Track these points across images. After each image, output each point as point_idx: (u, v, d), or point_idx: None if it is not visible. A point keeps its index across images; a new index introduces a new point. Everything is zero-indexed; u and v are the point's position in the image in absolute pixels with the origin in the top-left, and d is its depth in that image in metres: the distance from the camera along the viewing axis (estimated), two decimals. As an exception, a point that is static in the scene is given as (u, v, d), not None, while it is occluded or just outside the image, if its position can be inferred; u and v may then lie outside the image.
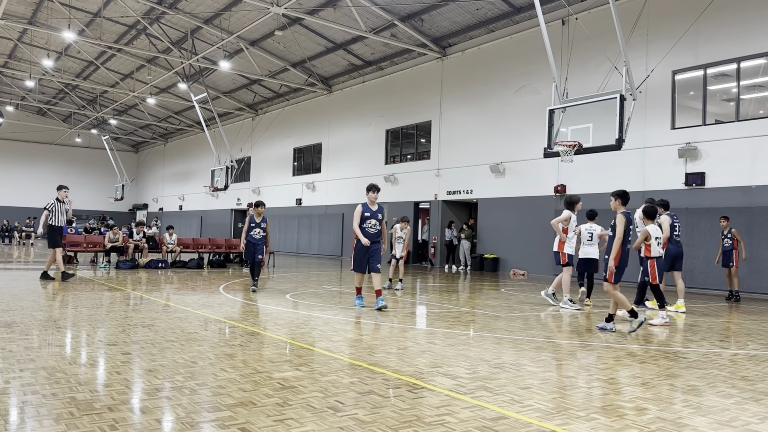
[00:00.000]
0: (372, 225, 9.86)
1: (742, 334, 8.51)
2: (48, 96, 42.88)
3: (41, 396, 4.34)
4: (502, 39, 21.23)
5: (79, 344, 6.51)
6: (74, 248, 18.98)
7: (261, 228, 12.26)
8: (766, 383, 5.45)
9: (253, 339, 6.99)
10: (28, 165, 48.44)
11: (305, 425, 3.90)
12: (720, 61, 15.61)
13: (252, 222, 12.23)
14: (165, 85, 34.43)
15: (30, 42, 30.57)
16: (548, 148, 14.20)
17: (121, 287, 12.47)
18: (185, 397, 4.44)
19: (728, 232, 13.04)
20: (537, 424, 4.08)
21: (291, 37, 25.07)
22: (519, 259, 20.35)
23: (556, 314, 10.06)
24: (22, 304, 9.15)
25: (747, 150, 14.92)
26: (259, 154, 35.70)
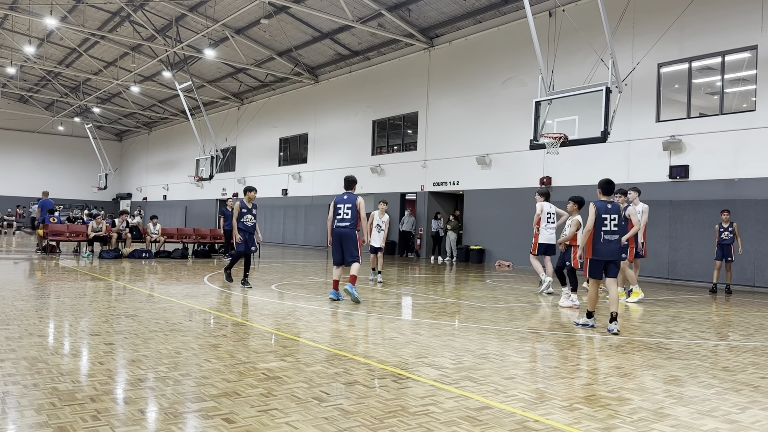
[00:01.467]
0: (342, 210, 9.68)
1: (724, 326, 8.62)
2: (30, 83, 42.24)
3: (22, 386, 4.29)
4: (489, 30, 21.21)
5: (62, 334, 6.45)
6: (57, 238, 18.77)
7: (253, 214, 11.24)
8: (747, 374, 5.53)
9: (237, 330, 6.96)
10: (9, 153, 47.75)
11: (290, 415, 3.89)
12: (705, 55, 15.72)
13: (243, 208, 11.14)
14: (149, 73, 34.05)
15: (11, 28, 30.07)
16: (534, 140, 14.24)
17: (104, 277, 12.36)
18: (169, 388, 4.41)
19: (729, 225, 13.06)
20: (521, 413, 4.11)
21: (277, 26, 24.88)
22: (504, 250, 20.43)
23: (540, 305, 10.12)
24: (3, 294, 9.04)
25: (730, 143, 15.06)
26: (245, 144, 35.48)
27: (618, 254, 7.57)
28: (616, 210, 7.61)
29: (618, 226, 7.53)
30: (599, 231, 7.53)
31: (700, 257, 15.25)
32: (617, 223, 7.52)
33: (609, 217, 7.56)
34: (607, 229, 7.50)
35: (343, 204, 9.63)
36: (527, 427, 3.84)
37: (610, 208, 7.61)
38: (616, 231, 7.52)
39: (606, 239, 7.50)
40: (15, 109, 46.08)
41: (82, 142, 48.37)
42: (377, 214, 13.04)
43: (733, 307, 10.96)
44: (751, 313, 10.19)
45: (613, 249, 7.52)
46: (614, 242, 7.52)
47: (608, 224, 7.53)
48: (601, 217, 7.56)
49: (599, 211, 7.58)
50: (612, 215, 7.55)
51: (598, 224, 7.54)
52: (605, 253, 7.52)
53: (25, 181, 47.60)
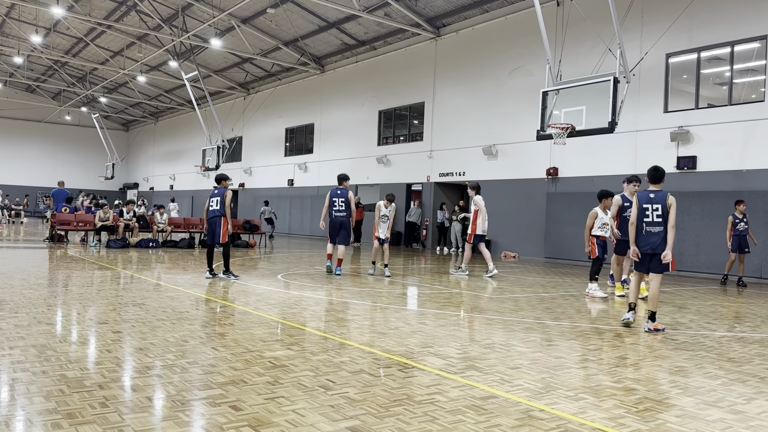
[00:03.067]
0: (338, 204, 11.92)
1: (730, 317, 8.60)
2: (37, 73, 42.34)
3: (31, 373, 4.33)
4: (496, 20, 21.08)
5: (70, 323, 6.49)
6: (64, 227, 18.87)
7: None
8: (753, 365, 5.52)
9: (244, 318, 6.99)
10: (16, 143, 47.95)
11: (296, 403, 3.92)
12: (713, 45, 15.59)
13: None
14: (155, 63, 34.06)
15: (18, 18, 30.10)
16: (541, 131, 14.18)
17: (111, 266, 12.43)
18: (176, 376, 4.44)
19: (744, 216, 12.90)
20: (526, 403, 4.12)
21: (283, 15, 24.80)
22: (510, 241, 20.41)
23: (546, 296, 10.12)
24: (12, 282, 9.10)
25: (739, 134, 14.96)
26: (251, 134, 35.48)
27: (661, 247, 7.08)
28: (660, 200, 7.14)
29: (662, 217, 7.10)
30: (641, 222, 7.24)
31: (707, 248, 15.20)
32: (660, 214, 7.12)
33: (651, 208, 7.16)
34: (649, 220, 7.16)
35: (338, 198, 11.93)
36: (532, 416, 3.85)
37: (653, 198, 7.20)
38: (659, 222, 7.11)
39: (648, 231, 7.17)
40: (22, 98, 46.22)
41: (89, 132, 48.51)
42: (383, 204, 12.87)
43: (740, 299, 10.93)
44: (758, 304, 10.16)
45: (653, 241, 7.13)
46: (655, 234, 7.11)
47: (650, 215, 7.16)
48: (642, 208, 7.23)
49: (640, 202, 7.29)
50: (654, 205, 7.15)
51: (640, 215, 7.27)
52: (645, 246, 7.20)
53: (33, 170, 47.84)
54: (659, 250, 7.07)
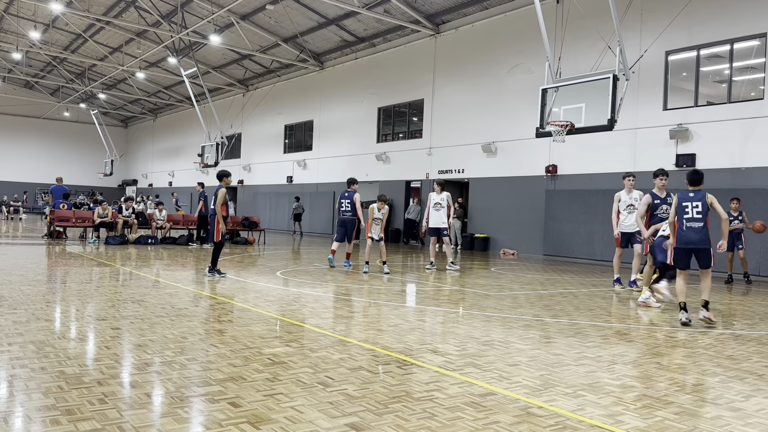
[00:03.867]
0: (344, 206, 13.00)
1: (729, 315, 8.61)
2: (35, 69, 42.23)
3: (30, 370, 4.33)
4: (496, 17, 21.05)
5: (68, 319, 6.49)
6: (63, 223, 18.86)
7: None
8: (751, 362, 5.53)
9: (243, 315, 7.00)
10: (15, 139, 47.87)
11: (295, 400, 3.92)
12: (713, 42, 15.58)
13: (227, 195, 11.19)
14: (154, 59, 33.98)
15: (17, 13, 30.01)
16: (540, 128, 14.17)
17: (110, 263, 12.42)
18: (175, 372, 4.45)
19: (738, 214, 12.99)
20: (524, 400, 4.13)
21: (282, 12, 24.76)
22: (509, 238, 20.42)
23: (544, 293, 10.13)
24: (11, 279, 9.10)
25: (738, 132, 14.96)
26: (250, 131, 35.44)
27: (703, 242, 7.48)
28: (700, 198, 7.52)
29: (701, 214, 7.47)
30: (681, 219, 7.57)
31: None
32: (700, 211, 7.46)
33: (691, 205, 7.51)
34: (689, 216, 7.50)
35: (344, 200, 13.04)
36: (531, 414, 3.86)
37: (692, 197, 7.56)
38: (699, 218, 7.47)
39: (689, 227, 7.50)
40: (21, 94, 46.13)
41: (88, 128, 48.41)
42: (376, 207, 12.95)
43: (739, 297, 10.95)
44: (756, 302, 10.18)
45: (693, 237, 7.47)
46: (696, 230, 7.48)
47: (690, 211, 7.49)
48: (682, 206, 7.56)
49: (680, 200, 7.63)
50: (694, 203, 7.51)
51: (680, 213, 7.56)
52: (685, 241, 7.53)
53: (32, 167, 47.77)
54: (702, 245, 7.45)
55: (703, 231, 7.48)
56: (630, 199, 10.78)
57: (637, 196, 10.73)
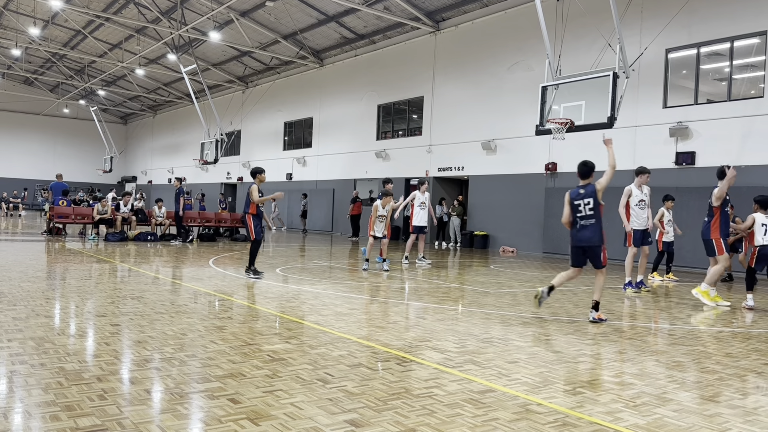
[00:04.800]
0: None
1: (728, 312, 8.61)
2: (35, 65, 42.18)
3: (29, 366, 4.33)
4: (496, 14, 21.02)
5: (68, 315, 6.49)
6: (63, 220, 18.85)
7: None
8: (750, 360, 5.54)
9: (242, 312, 7.00)
10: (14, 135, 47.80)
11: (294, 396, 3.93)
12: (713, 40, 15.56)
13: (259, 191, 10.40)
14: (154, 56, 33.93)
15: (16, 9, 29.95)
16: (540, 126, 14.16)
17: (109, 259, 12.42)
18: (174, 369, 4.45)
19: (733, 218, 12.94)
20: (524, 397, 4.13)
21: (282, 8, 24.72)
22: (509, 236, 20.42)
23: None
24: (10, 275, 9.10)
25: (737, 130, 14.96)
26: (250, 128, 35.41)
27: (593, 240, 7.15)
28: (590, 193, 7.17)
29: (593, 210, 7.12)
30: (575, 217, 7.25)
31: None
32: (592, 207, 7.14)
33: (583, 203, 7.19)
34: (582, 214, 7.19)
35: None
36: (530, 410, 3.86)
37: (583, 193, 7.21)
38: (591, 215, 7.14)
39: (582, 225, 7.18)
40: (20, 91, 46.06)
41: (87, 125, 48.35)
42: (380, 204, 12.69)
43: (737, 294, 10.95)
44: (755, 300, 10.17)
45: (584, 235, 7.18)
46: (588, 228, 7.15)
47: (582, 209, 7.20)
48: (574, 204, 7.26)
49: (572, 198, 7.27)
50: (585, 200, 7.17)
51: (573, 211, 7.24)
52: (578, 239, 7.27)
53: (31, 163, 47.72)
54: (593, 243, 7.15)
55: (595, 228, 7.13)
56: (642, 194, 10.56)
57: (647, 191, 10.67)
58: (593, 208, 7.14)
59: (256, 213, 10.31)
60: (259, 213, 10.41)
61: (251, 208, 10.25)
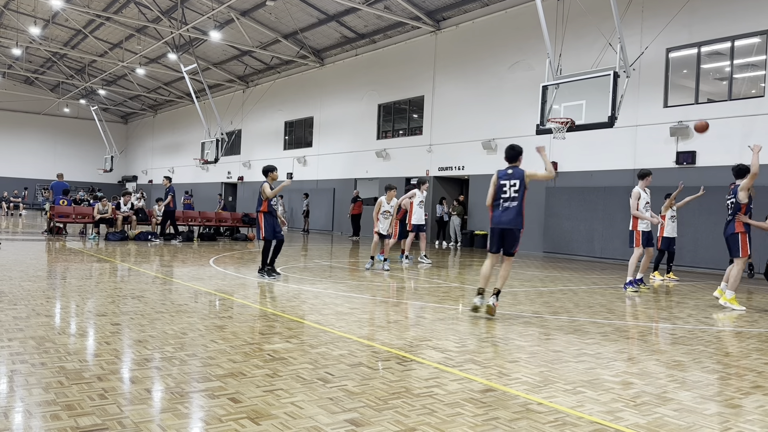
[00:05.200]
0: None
1: (728, 311, 8.60)
2: (35, 65, 42.18)
3: (30, 365, 4.33)
4: (496, 13, 21.01)
5: (69, 315, 6.50)
6: (63, 219, 18.86)
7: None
8: (751, 359, 5.54)
9: (243, 311, 7.00)
10: (15, 135, 47.81)
11: (295, 395, 3.93)
12: (714, 39, 15.55)
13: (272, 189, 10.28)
14: (154, 55, 33.93)
15: (17, 9, 29.96)
16: (541, 125, 14.16)
17: (110, 259, 12.42)
18: (175, 368, 4.45)
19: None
20: (524, 396, 4.13)
21: (283, 8, 24.72)
22: (509, 235, 20.38)
23: (544, 290, 10.14)
24: (11, 275, 9.10)
25: (738, 129, 14.95)
26: (250, 127, 35.41)
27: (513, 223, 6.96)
28: (518, 176, 7.12)
29: (518, 193, 6.98)
30: (498, 198, 7.15)
31: (706, 243, 15.21)
32: (517, 189, 7.03)
33: (508, 183, 7.09)
34: (507, 195, 7.06)
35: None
36: (531, 410, 3.86)
37: (511, 174, 7.11)
38: (515, 197, 7.02)
39: (504, 206, 7.06)
40: (21, 90, 46.07)
41: (88, 124, 48.36)
42: (384, 199, 12.59)
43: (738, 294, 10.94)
44: (755, 299, 10.18)
45: (505, 217, 7.05)
46: (510, 210, 7.03)
47: (507, 190, 7.07)
48: (500, 184, 7.13)
49: (499, 178, 7.18)
50: (512, 181, 7.08)
51: (498, 191, 7.11)
52: (497, 221, 7.14)
53: (31, 162, 47.73)
54: (512, 226, 7.00)
55: (515, 211, 6.98)
56: (647, 196, 10.60)
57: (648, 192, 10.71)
58: (518, 190, 7.01)
59: (268, 211, 10.23)
60: (272, 211, 10.29)
61: (263, 206, 10.19)
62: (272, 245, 10.20)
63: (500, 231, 7.09)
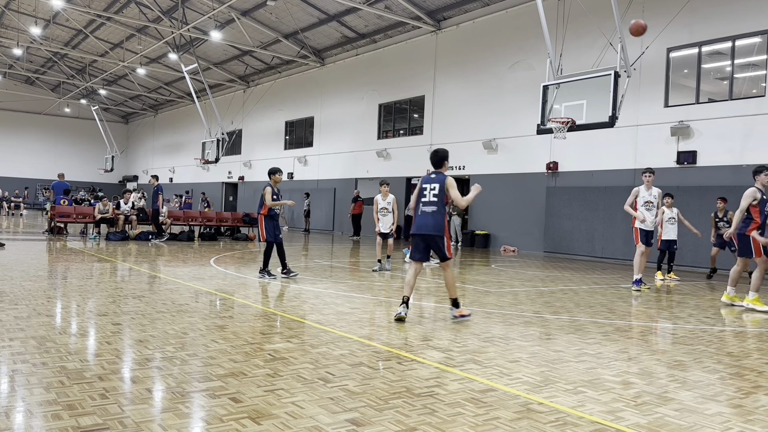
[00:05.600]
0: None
1: (729, 311, 8.60)
2: (36, 65, 42.21)
3: (31, 365, 4.34)
4: (497, 13, 21.01)
5: (69, 314, 6.50)
6: (64, 219, 18.87)
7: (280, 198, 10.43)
8: (752, 359, 5.53)
9: (244, 311, 7.00)
10: (16, 135, 47.85)
11: (296, 395, 3.93)
12: (715, 39, 15.54)
13: (274, 193, 10.20)
14: (155, 55, 33.95)
15: (17, 9, 29.98)
16: (541, 125, 14.16)
17: (111, 259, 12.43)
18: (176, 368, 4.45)
19: (724, 215, 12.94)
20: (525, 396, 4.13)
21: (283, 8, 24.72)
22: (510, 235, 20.42)
23: (545, 290, 10.14)
24: (12, 274, 9.11)
25: (739, 129, 14.95)
26: (251, 127, 35.42)
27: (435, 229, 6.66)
28: (439, 180, 6.74)
29: (437, 197, 6.65)
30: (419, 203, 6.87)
31: (706, 243, 15.18)
32: (436, 194, 6.69)
33: (429, 187, 6.77)
34: (426, 199, 6.78)
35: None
36: (531, 410, 3.86)
37: (433, 179, 6.75)
38: (434, 201, 6.70)
39: (423, 211, 6.76)
40: (21, 90, 46.10)
41: (89, 124, 48.39)
42: (380, 197, 12.31)
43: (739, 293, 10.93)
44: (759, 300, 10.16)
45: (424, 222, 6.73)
46: (430, 215, 6.70)
47: (427, 194, 6.78)
48: (422, 188, 6.83)
49: (422, 183, 6.88)
50: (432, 185, 6.75)
51: (420, 196, 6.84)
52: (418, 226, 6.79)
53: (32, 162, 47.76)
54: (434, 232, 6.67)
55: (436, 216, 6.64)
56: (649, 195, 10.58)
57: (656, 193, 10.66)
58: (438, 194, 6.69)
59: (268, 214, 10.21)
60: (273, 214, 10.26)
61: (264, 209, 10.19)
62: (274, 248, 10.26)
63: (421, 237, 6.79)
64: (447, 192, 6.69)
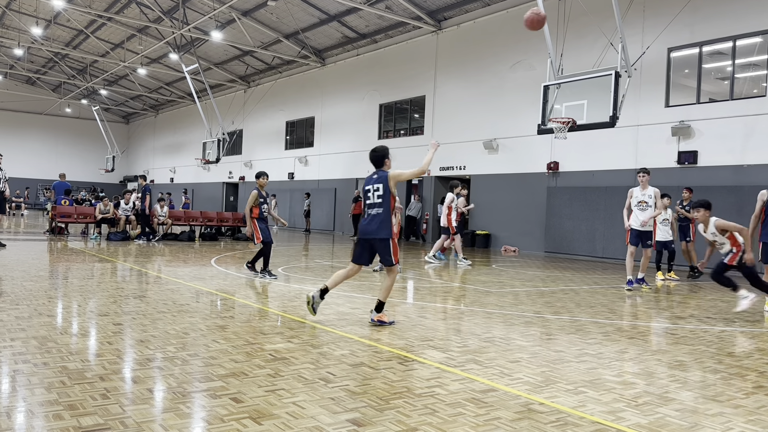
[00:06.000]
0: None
1: (730, 311, 8.59)
2: (37, 65, 42.22)
3: (32, 365, 4.34)
4: (498, 13, 21.00)
5: (70, 315, 6.50)
6: (65, 219, 18.88)
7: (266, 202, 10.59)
8: (753, 359, 5.53)
9: (244, 311, 7.01)
10: (17, 135, 47.85)
11: (297, 395, 3.93)
12: (716, 39, 15.53)
13: (260, 196, 10.32)
14: (156, 55, 33.96)
15: (18, 9, 30.00)
16: (542, 125, 14.16)
17: (112, 259, 12.44)
18: (177, 368, 4.45)
19: (688, 204, 12.82)
20: (525, 396, 4.13)
21: (284, 8, 24.72)
22: (510, 235, 20.41)
23: (545, 290, 10.14)
24: (13, 274, 9.11)
25: (740, 129, 14.94)
26: (251, 127, 35.43)
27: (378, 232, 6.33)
28: (381, 179, 6.46)
29: (382, 198, 6.35)
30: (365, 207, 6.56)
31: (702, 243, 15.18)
32: (381, 195, 6.40)
33: (372, 188, 6.47)
34: (371, 201, 6.45)
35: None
36: (532, 410, 3.86)
37: (375, 179, 6.49)
38: (378, 203, 6.39)
39: (369, 214, 6.46)
40: (22, 90, 46.12)
41: (90, 124, 48.42)
42: None
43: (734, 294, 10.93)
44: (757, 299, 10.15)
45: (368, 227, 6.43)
46: (374, 218, 6.40)
47: (372, 196, 6.47)
48: (365, 190, 6.57)
49: (365, 184, 6.61)
50: (375, 185, 6.45)
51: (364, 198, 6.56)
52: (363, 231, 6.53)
53: (33, 162, 47.79)
54: (377, 235, 6.37)
55: (382, 219, 6.32)
56: (643, 195, 10.53)
57: (651, 193, 10.60)
58: (382, 195, 6.36)
59: (259, 217, 10.24)
60: (262, 216, 10.28)
61: (255, 213, 10.22)
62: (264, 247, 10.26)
63: (365, 242, 6.46)
64: (392, 190, 6.35)
